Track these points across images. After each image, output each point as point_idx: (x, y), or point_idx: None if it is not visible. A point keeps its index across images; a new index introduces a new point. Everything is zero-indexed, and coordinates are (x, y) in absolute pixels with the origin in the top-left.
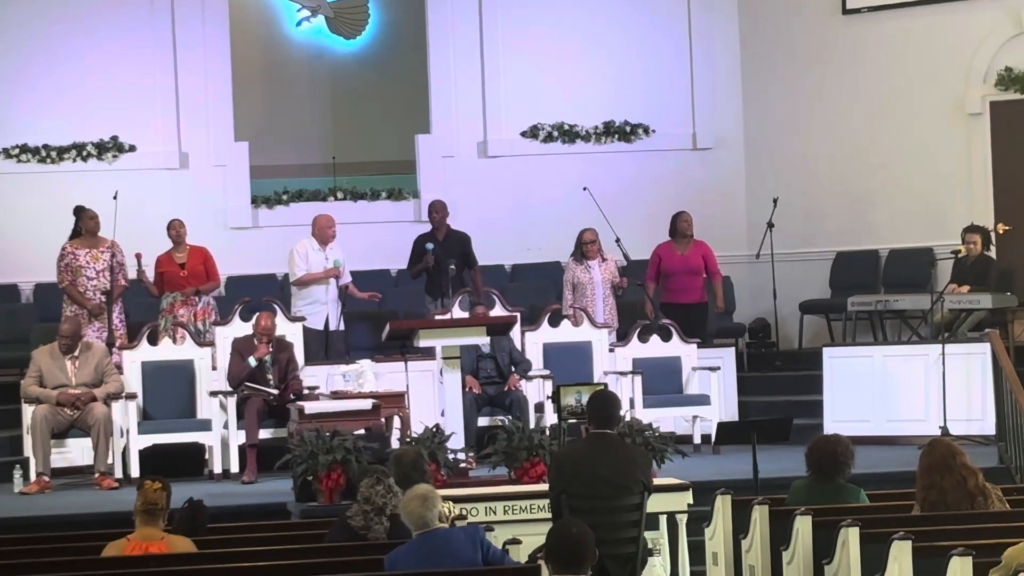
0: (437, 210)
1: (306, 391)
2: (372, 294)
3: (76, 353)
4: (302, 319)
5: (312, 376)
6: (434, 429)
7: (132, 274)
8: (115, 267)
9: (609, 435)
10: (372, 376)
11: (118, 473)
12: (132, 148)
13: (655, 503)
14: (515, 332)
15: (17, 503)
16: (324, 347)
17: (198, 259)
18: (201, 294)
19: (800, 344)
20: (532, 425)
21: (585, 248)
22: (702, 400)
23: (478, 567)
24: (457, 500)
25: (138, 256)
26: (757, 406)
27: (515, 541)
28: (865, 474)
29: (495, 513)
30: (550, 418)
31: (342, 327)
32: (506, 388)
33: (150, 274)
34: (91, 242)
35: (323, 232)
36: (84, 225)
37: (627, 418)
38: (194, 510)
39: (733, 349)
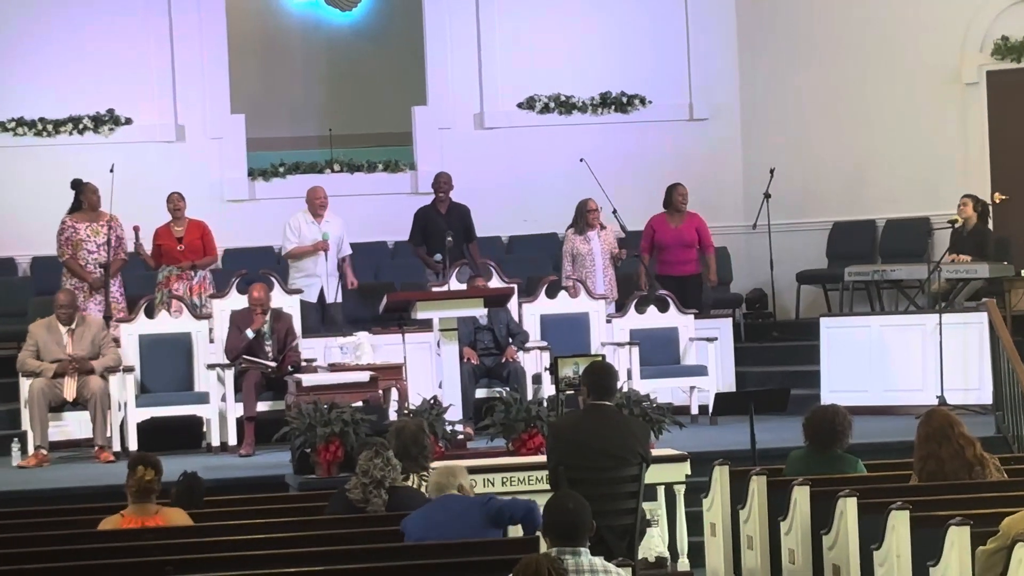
0: (445, 181)
1: (304, 364)
2: (352, 282)
3: (73, 325)
4: (299, 292)
5: (310, 348)
6: (432, 401)
7: (131, 247)
8: (114, 241)
9: (607, 406)
10: (370, 348)
11: (116, 446)
12: (128, 121)
13: (653, 474)
14: (512, 304)
15: (15, 476)
16: (320, 320)
17: (196, 233)
18: (197, 269)
19: (797, 314)
20: (530, 396)
21: (589, 217)
22: (699, 371)
23: (480, 538)
24: None
25: (136, 229)
26: (754, 376)
27: None
28: (863, 444)
29: (493, 485)
30: (548, 389)
31: (340, 299)
32: (503, 360)
33: (148, 247)
34: (91, 216)
35: (311, 203)
36: (85, 199)
37: (624, 389)
38: (190, 483)
39: (730, 320)
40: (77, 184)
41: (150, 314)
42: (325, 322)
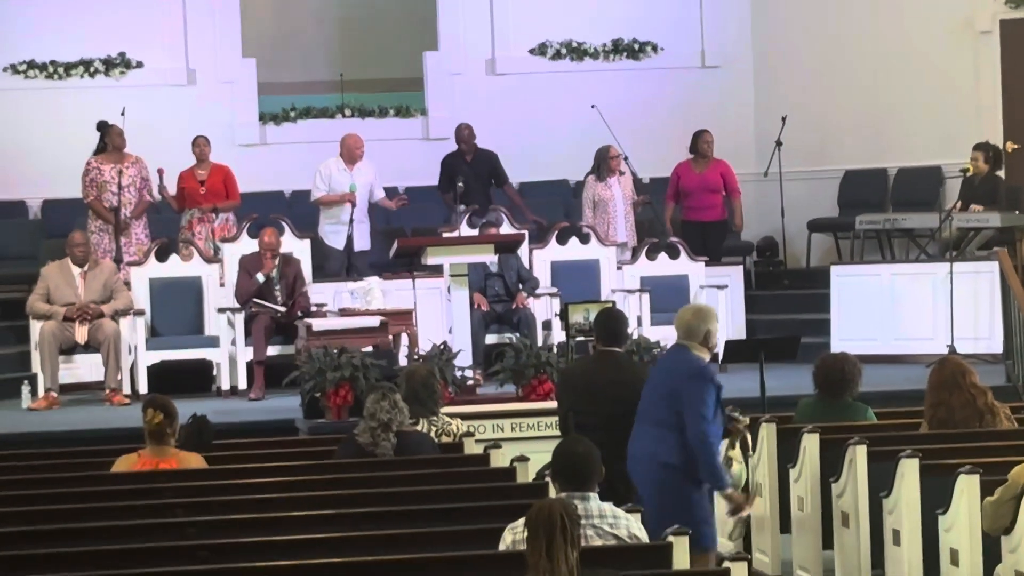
0: (467, 135)
1: (314, 308)
2: (399, 199)
3: (87, 268)
4: (311, 236)
5: (320, 293)
6: (442, 346)
7: (156, 190)
8: (139, 183)
9: (616, 353)
10: (380, 293)
11: (126, 389)
12: (139, 64)
13: None
14: (523, 250)
15: (26, 419)
16: (346, 266)
17: (219, 177)
18: (219, 211)
19: (808, 263)
20: (540, 343)
21: (611, 163)
22: None
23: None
24: (465, 417)
25: (160, 171)
26: (764, 324)
27: (522, 458)
28: (872, 392)
29: (502, 431)
30: (558, 336)
31: (368, 247)
32: (514, 306)
33: (171, 189)
34: (116, 157)
35: (351, 152)
36: (111, 140)
37: (634, 336)
38: (199, 426)
39: (741, 267)
40: (102, 126)
41: (161, 257)
42: (350, 269)
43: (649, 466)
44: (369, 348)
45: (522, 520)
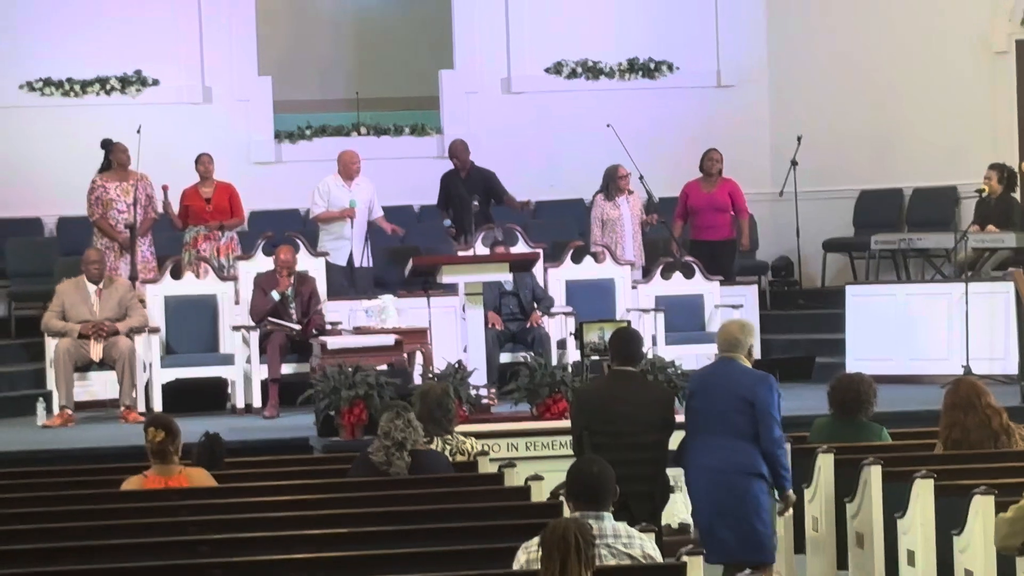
0: (460, 150)
1: (328, 326)
2: (395, 228)
3: (102, 285)
4: (325, 254)
5: (335, 311)
6: (456, 365)
7: (160, 207)
8: (143, 200)
9: (631, 372)
10: (395, 312)
11: (141, 407)
12: (156, 82)
13: (677, 440)
14: (538, 269)
15: (40, 436)
16: (350, 283)
17: (224, 194)
18: (225, 229)
19: (823, 282)
20: (554, 362)
21: (620, 182)
22: None
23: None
24: (479, 436)
25: (165, 188)
26: (780, 344)
27: (537, 477)
28: (887, 413)
29: (517, 449)
30: (572, 355)
31: (370, 263)
32: (528, 325)
33: (175, 207)
34: (121, 175)
35: (347, 168)
36: (115, 158)
37: (649, 355)
38: (211, 443)
39: (756, 287)
40: (107, 144)
41: (176, 275)
42: (353, 285)
43: (735, 478)
44: (384, 366)
45: (536, 539)
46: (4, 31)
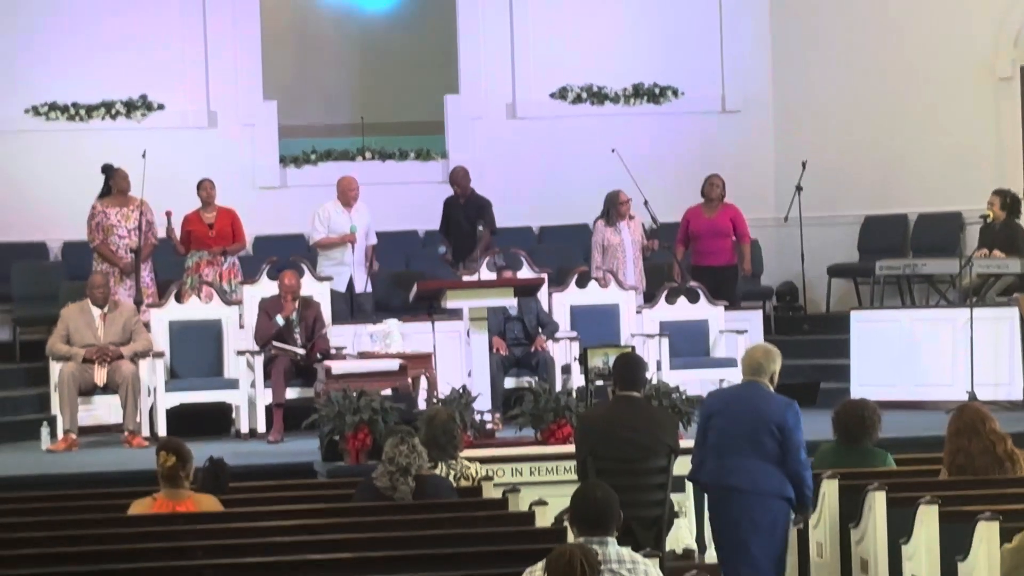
0: (460, 176)
1: (333, 351)
2: (374, 261)
3: (106, 309)
4: (329, 279)
5: (339, 336)
6: (461, 390)
7: (161, 232)
8: (144, 226)
9: (635, 397)
10: (399, 336)
11: (145, 432)
12: (161, 107)
13: (681, 466)
14: (542, 294)
15: (44, 461)
16: (350, 308)
17: (226, 220)
18: (227, 255)
19: (828, 308)
20: (559, 387)
21: (621, 208)
22: (729, 363)
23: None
24: (483, 461)
25: (168, 214)
26: (784, 369)
27: (541, 503)
28: (892, 438)
29: (521, 474)
30: (577, 380)
31: (369, 289)
32: (533, 350)
33: (178, 232)
34: (121, 201)
35: (345, 194)
36: (115, 184)
37: (654, 380)
38: (216, 468)
39: (760, 312)
40: (107, 169)
41: (180, 299)
42: (354, 310)
43: (773, 502)
44: (388, 391)
45: (540, 564)
46: (9, 56)
